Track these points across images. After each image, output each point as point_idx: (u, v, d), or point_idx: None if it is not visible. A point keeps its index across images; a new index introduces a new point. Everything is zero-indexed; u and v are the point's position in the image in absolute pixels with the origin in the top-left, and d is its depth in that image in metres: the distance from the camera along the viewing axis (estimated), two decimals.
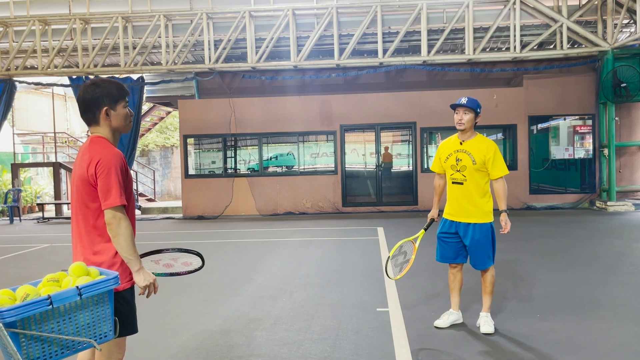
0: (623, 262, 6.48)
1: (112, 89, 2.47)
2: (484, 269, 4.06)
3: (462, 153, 4.00)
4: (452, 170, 4.05)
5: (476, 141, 4.03)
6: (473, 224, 3.98)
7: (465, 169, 3.98)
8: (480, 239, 3.97)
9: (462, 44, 13.00)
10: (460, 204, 4.01)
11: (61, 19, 13.01)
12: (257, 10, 12.58)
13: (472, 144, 4.01)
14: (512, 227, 4.15)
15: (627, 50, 12.10)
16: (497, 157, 3.97)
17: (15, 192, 14.53)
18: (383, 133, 13.46)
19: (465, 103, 3.95)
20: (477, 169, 3.96)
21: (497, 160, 3.97)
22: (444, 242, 4.14)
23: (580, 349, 3.69)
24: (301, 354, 3.75)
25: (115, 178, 2.33)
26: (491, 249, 4.04)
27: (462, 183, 4.00)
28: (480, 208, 3.98)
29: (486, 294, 4.12)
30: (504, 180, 4.03)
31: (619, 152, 13.10)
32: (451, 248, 4.11)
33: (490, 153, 3.96)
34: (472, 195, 3.98)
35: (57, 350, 1.96)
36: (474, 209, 3.98)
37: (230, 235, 10.06)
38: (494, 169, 3.98)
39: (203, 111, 13.50)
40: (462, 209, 4.01)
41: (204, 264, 2.81)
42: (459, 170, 4.01)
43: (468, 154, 3.98)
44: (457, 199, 4.02)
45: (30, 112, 20.62)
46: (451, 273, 4.22)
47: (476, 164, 3.95)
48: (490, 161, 3.96)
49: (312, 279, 6.02)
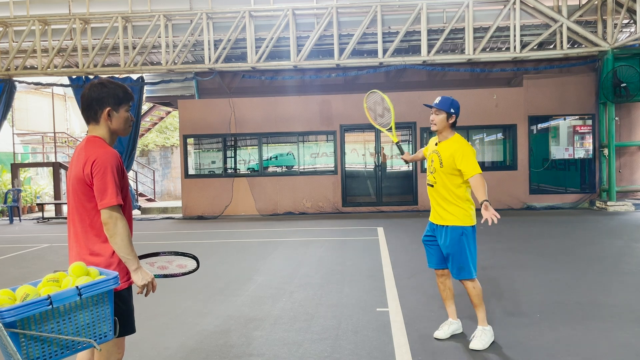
0: (623, 262, 6.47)
1: (119, 91, 2.48)
2: (458, 279, 3.80)
3: (434, 154, 3.87)
4: (428, 172, 3.98)
5: (449, 142, 3.84)
6: (446, 226, 3.81)
7: (435, 171, 3.87)
8: (450, 244, 3.76)
9: (462, 44, 13.00)
10: (433, 206, 3.93)
11: (61, 19, 13.01)
12: (257, 10, 12.58)
13: (444, 145, 3.86)
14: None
15: (627, 50, 12.10)
16: (466, 156, 3.70)
17: (15, 192, 14.53)
18: (383, 133, 13.44)
19: (436, 103, 3.85)
20: (445, 172, 3.78)
21: (465, 159, 3.69)
22: (427, 246, 4.03)
23: (581, 349, 3.69)
24: (301, 354, 3.75)
25: (111, 177, 2.34)
26: (465, 259, 3.73)
27: (432, 185, 3.90)
28: (454, 211, 3.77)
29: (474, 307, 3.83)
30: (479, 176, 3.66)
31: (619, 152, 13.10)
32: (434, 251, 3.97)
33: (459, 153, 3.71)
34: (443, 199, 3.82)
35: (57, 350, 1.96)
36: (444, 212, 3.82)
37: (230, 235, 10.06)
38: (465, 168, 3.69)
39: (203, 111, 13.50)
40: (434, 211, 3.92)
41: (198, 266, 2.80)
42: (431, 172, 3.91)
43: (438, 155, 3.84)
44: (433, 200, 3.93)
45: (30, 112, 20.62)
46: (439, 281, 4.01)
47: (443, 166, 3.78)
48: (459, 161, 3.70)
49: (312, 279, 6.02)
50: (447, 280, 4.00)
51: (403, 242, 8.36)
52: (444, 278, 3.99)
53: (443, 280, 4.00)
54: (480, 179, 3.66)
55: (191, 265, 2.78)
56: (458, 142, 3.82)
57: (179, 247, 8.73)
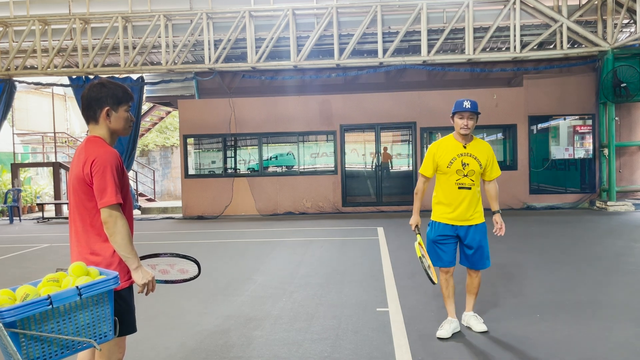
0: (623, 262, 6.47)
1: (118, 91, 2.49)
2: (483, 268, 4.04)
3: (468, 157, 3.88)
4: (459, 175, 3.90)
5: (477, 144, 3.96)
6: (474, 225, 3.96)
7: (474, 173, 3.89)
8: (481, 239, 3.96)
9: (462, 44, 13.00)
10: (467, 209, 3.91)
11: (61, 19, 13.01)
12: (257, 10, 12.58)
13: (474, 147, 3.93)
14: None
15: (627, 50, 12.10)
16: (494, 158, 4.02)
17: (15, 192, 14.53)
18: (383, 133, 13.46)
19: (471, 108, 3.82)
20: (481, 172, 3.96)
21: (495, 161, 4.01)
22: (441, 245, 4.00)
23: (581, 349, 3.69)
24: (301, 354, 3.75)
25: (110, 177, 2.34)
26: (488, 250, 4.04)
27: (470, 188, 3.90)
28: (479, 209, 4.00)
29: (472, 294, 4.13)
30: (495, 181, 4.08)
31: (619, 152, 13.10)
32: (449, 251, 4.01)
33: (491, 155, 3.98)
34: (476, 198, 3.96)
35: (57, 350, 1.96)
36: (474, 212, 3.96)
37: (230, 235, 10.06)
38: (493, 170, 4.01)
39: (203, 111, 13.50)
40: (468, 213, 3.92)
41: (199, 273, 2.79)
42: (467, 175, 3.89)
43: (474, 157, 3.88)
44: (464, 203, 3.90)
45: (30, 112, 20.61)
46: (444, 279, 4.06)
47: (482, 167, 3.93)
48: (490, 163, 3.97)
49: (312, 279, 6.02)
50: (452, 278, 4.10)
51: (403, 242, 8.36)
52: (449, 275, 4.08)
53: (448, 277, 4.08)
54: (496, 184, 4.12)
55: (192, 271, 2.77)
56: (485, 144, 4.03)
57: (179, 247, 8.74)
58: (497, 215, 3.98)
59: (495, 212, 4.01)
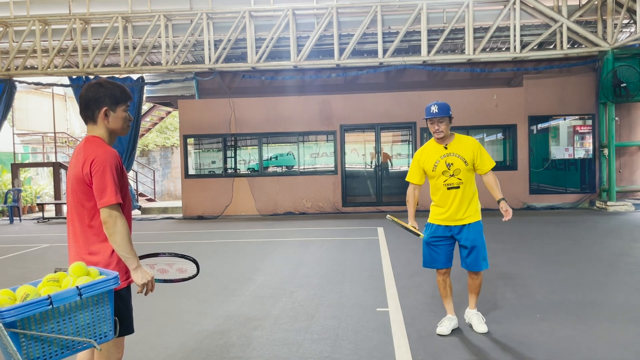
0: (623, 262, 6.47)
1: (116, 91, 2.49)
2: (479, 270, 3.99)
3: (452, 157, 3.93)
4: (445, 177, 3.95)
5: (458, 141, 3.98)
6: (468, 224, 3.97)
7: (460, 172, 3.92)
8: (475, 238, 3.95)
9: (462, 44, 13.00)
10: (459, 208, 3.94)
11: (61, 19, 13.01)
12: (257, 10, 12.58)
13: (456, 145, 3.96)
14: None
15: (627, 50, 12.10)
16: (482, 150, 3.98)
17: (15, 192, 14.53)
18: (383, 133, 13.46)
19: (438, 112, 3.87)
20: (468, 169, 3.94)
21: (483, 153, 3.97)
22: (435, 246, 4.04)
23: (581, 349, 3.69)
24: (301, 354, 3.75)
25: (110, 177, 2.34)
26: (485, 250, 4.00)
27: (458, 187, 3.94)
28: (473, 207, 3.99)
29: (473, 294, 4.14)
30: (492, 172, 4.03)
31: (619, 152, 13.10)
32: (443, 252, 4.03)
33: (476, 149, 3.95)
34: (468, 197, 3.97)
35: (57, 350, 1.96)
36: (469, 210, 3.97)
37: (230, 236, 10.06)
38: (483, 163, 3.97)
39: (203, 111, 13.50)
40: (460, 213, 3.95)
41: (198, 272, 2.80)
42: (453, 174, 3.93)
43: (458, 156, 3.92)
44: (455, 203, 3.94)
45: (30, 112, 20.62)
46: (441, 279, 4.11)
47: (467, 164, 3.92)
48: (477, 157, 3.94)
49: (312, 279, 6.02)
50: (448, 278, 4.14)
51: (403, 242, 8.36)
52: (446, 276, 4.12)
53: (445, 278, 4.12)
54: (493, 174, 4.04)
55: (191, 271, 2.77)
56: (468, 139, 4.03)
57: (179, 247, 8.74)
58: (502, 202, 3.92)
59: (499, 200, 3.95)
